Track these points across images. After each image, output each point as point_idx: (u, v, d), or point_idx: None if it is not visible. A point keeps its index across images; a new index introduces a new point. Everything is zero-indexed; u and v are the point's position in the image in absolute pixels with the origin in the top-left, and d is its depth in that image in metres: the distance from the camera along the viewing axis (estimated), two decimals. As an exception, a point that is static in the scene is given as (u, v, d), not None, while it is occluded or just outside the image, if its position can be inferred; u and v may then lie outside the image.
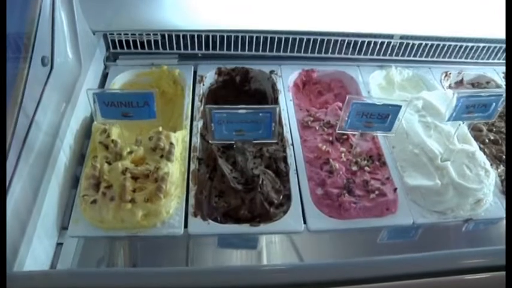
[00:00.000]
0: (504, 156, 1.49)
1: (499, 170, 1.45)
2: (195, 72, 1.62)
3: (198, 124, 1.45)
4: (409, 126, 1.47)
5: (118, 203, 1.17)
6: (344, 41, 1.69)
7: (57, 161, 1.19)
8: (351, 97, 1.22)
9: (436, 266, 1.00)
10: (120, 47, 1.61)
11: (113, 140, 1.30)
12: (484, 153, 1.48)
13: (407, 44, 1.72)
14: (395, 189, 1.34)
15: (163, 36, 1.58)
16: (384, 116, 1.26)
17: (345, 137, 1.45)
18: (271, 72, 1.67)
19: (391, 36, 1.71)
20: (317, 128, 1.50)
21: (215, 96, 1.66)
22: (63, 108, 1.29)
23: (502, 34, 1.68)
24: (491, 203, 1.36)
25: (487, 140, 1.54)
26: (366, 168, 1.39)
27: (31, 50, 1.15)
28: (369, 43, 1.71)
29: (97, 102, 1.14)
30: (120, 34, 1.56)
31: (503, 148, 1.52)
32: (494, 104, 1.27)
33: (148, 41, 1.60)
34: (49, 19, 1.27)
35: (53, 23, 1.28)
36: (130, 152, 1.30)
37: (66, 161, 1.25)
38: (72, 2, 1.38)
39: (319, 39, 1.67)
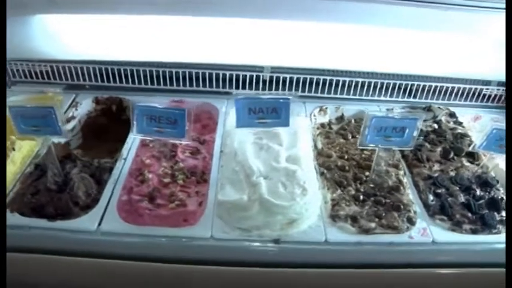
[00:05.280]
0: (346, 182, 1.38)
1: (334, 195, 1.33)
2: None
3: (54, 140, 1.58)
4: (240, 146, 1.45)
5: None
6: (212, 73, 1.74)
7: None
8: (134, 101, 1.29)
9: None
10: (19, 76, 1.83)
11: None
12: (325, 178, 1.38)
13: (278, 77, 1.73)
14: (200, 203, 1.31)
15: (52, 68, 1.80)
16: (171, 121, 1.28)
17: (173, 153, 1.47)
18: (141, 102, 1.76)
19: (261, 69, 1.73)
20: (151, 145, 1.54)
21: (94, 124, 1.79)
22: None
23: (382, 68, 1.63)
24: (312, 225, 1.26)
25: (332, 166, 1.43)
26: (180, 182, 1.38)
27: None
28: (238, 76, 1.74)
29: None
30: (17, 64, 1.80)
31: (348, 175, 1.42)
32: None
33: (41, 72, 1.81)
34: None
35: None
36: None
37: None
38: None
39: (187, 72, 1.74)
